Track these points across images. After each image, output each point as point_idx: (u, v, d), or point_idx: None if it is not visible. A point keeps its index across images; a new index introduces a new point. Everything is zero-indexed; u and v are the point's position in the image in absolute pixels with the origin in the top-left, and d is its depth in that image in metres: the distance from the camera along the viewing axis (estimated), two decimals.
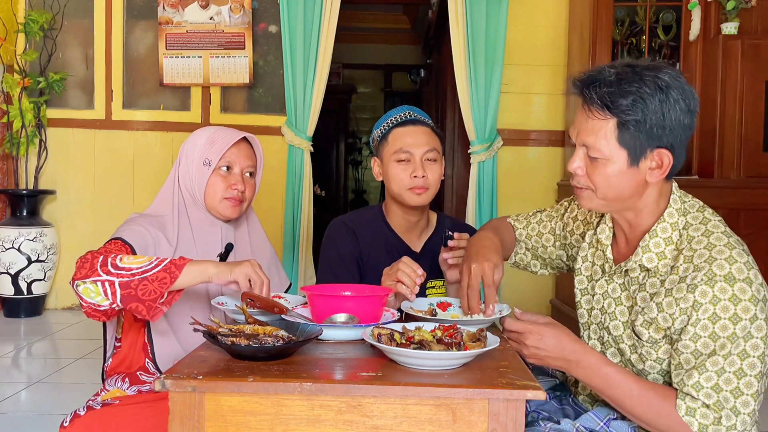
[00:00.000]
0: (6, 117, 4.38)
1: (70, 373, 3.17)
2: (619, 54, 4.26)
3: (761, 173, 3.82)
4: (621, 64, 1.33)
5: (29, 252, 4.22)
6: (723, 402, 1.25)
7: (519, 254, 1.75)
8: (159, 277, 1.45)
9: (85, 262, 1.48)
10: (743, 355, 1.25)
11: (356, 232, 1.93)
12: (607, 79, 1.30)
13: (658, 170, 1.33)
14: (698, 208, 1.40)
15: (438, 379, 1.14)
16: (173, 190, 1.77)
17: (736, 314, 1.25)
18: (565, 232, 1.67)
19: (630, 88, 1.28)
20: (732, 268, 1.27)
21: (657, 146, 1.31)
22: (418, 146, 1.87)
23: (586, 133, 1.34)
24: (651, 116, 1.28)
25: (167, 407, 1.13)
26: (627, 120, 1.29)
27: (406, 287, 1.60)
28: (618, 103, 1.29)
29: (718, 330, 1.25)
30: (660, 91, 1.28)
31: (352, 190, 9.30)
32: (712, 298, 1.26)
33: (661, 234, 1.37)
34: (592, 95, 1.32)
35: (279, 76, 4.57)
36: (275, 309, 1.45)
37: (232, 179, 1.74)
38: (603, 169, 1.33)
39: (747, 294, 1.25)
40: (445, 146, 5.40)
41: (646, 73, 1.30)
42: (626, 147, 1.31)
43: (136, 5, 4.60)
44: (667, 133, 1.30)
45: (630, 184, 1.34)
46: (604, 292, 1.48)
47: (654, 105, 1.28)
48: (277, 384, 1.11)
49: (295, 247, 4.45)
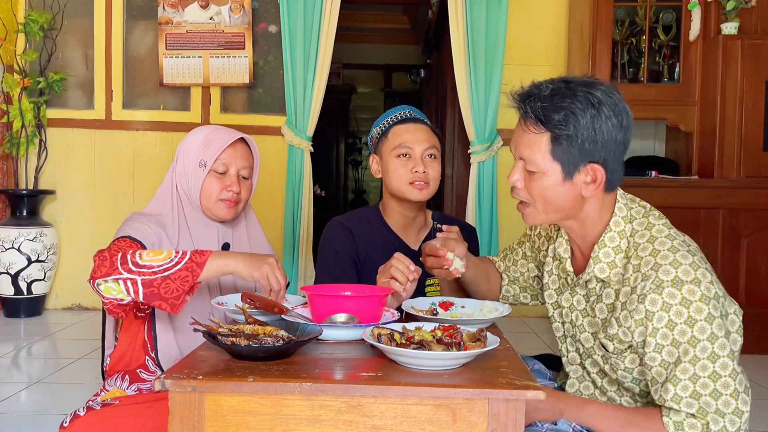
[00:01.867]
0: (6, 117, 4.38)
1: (69, 373, 3.17)
2: (619, 54, 4.26)
3: (761, 173, 3.82)
4: (558, 80, 1.36)
5: (29, 252, 4.22)
6: (705, 407, 1.24)
7: (504, 287, 1.77)
8: (181, 276, 1.46)
9: (104, 260, 1.48)
10: (713, 357, 1.25)
11: (353, 232, 1.93)
12: (542, 94, 1.33)
13: (593, 184, 1.35)
14: (644, 214, 1.40)
15: (438, 379, 1.14)
16: (170, 189, 1.77)
17: (690, 317, 1.25)
18: (534, 251, 1.69)
19: (563, 103, 1.31)
20: (678, 272, 1.27)
21: (590, 161, 1.33)
22: (419, 142, 1.88)
23: (523, 146, 1.37)
24: (583, 131, 1.31)
25: (167, 407, 1.13)
26: (560, 134, 1.31)
27: (400, 284, 1.60)
28: (551, 118, 1.31)
29: (678, 336, 1.25)
30: (592, 107, 1.31)
31: (352, 190, 9.30)
32: (663, 304, 1.26)
33: (609, 243, 1.38)
34: (527, 109, 1.35)
35: (279, 76, 4.57)
36: (275, 309, 1.45)
37: (228, 181, 1.73)
38: (539, 182, 1.36)
39: (696, 295, 1.25)
40: (444, 147, 5.40)
41: (579, 89, 1.32)
42: (559, 161, 1.33)
43: (136, 5, 4.60)
44: (599, 148, 1.32)
45: (566, 197, 1.36)
46: (570, 305, 1.50)
47: (586, 120, 1.30)
48: (277, 384, 1.11)
49: (295, 247, 4.45)
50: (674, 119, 4.11)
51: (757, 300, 3.80)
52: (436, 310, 1.61)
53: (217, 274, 1.50)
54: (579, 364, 1.51)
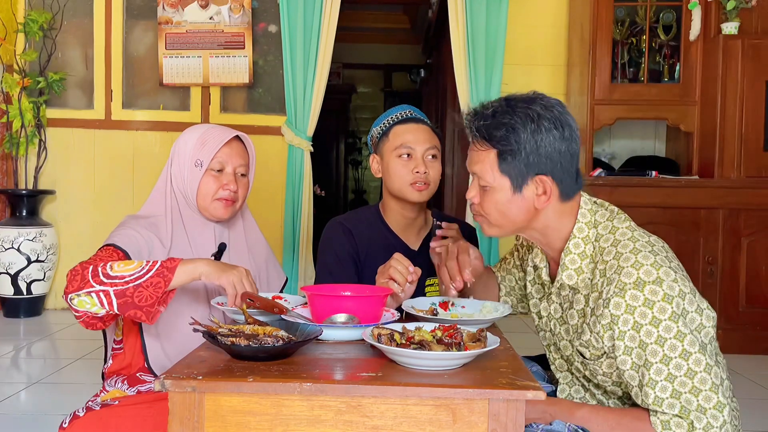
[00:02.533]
0: (6, 117, 4.38)
1: (69, 374, 3.16)
2: (619, 54, 4.26)
3: (761, 173, 3.82)
4: (500, 99, 1.42)
5: (29, 252, 4.22)
6: (687, 406, 1.25)
7: (503, 297, 1.79)
8: (153, 282, 1.45)
9: (76, 275, 1.47)
10: (685, 354, 1.25)
11: (353, 232, 1.93)
12: (485, 113, 1.40)
13: (544, 196, 1.39)
14: (608, 217, 1.42)
15: (438, 380, 1.14)
16: (165, 190, 1.75)
17: (654, 317, 1.25)
18: (521, 260, 1.71)
19: (503, 119, 1.37)
20: (639, 273, 1.28)
21: (536, 173, 1.37)
22: (420, 143, 1.88)
23: (473, 162, 1.43)
24: (525, 145, 1.36)
25: (167, 408, 1.13)
26: (504, 150, 1.37)
27: (398, 285, 1.60)
28: (494, 135, 1.38)
29: (644, 337, 1.26)
30: (531, 121, 1.36)
31: (352, 190, 9.30)
32: (627, 307, 1.27)
33: (574, 250, 1.41)
34: (473, 128, 1.42)
35: (279, 76, 4.57)
36: (275, 309, 1.45)
37: (224, 179, 1.72)
38: (492, 197, 1.41)
39: (658, 294, 1.26)
40: (444, 147, 5.40)
41: (519, 105, 1.38)
42: (507, 175, 1.38)
43: (135, 5, 4.60)
44: (543, 160, 1.36)
45: (519, 210, 1.40)
46: (549, 314, 1.52)
47: (526, 135, 1.35)
48: (276, 384, 1.11)
49: (295, 247, 4.45)
50: (674, 119, 4.11)
51: (757, 300, 3.80)
52: (436, 310, 1.61)
53: (187, 279, 1.49)
54: (567, 370, 1.53)
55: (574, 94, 4.42)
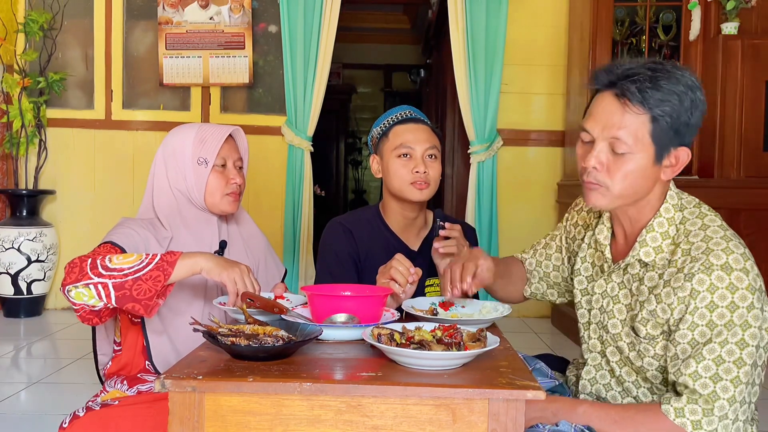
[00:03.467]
0: (6, 117, 4.38)
1: (69, 373, 3.17)
2: (619, 54, 4.26)
3: (761, 173, 3.82)
4: (649, 61, 1.34)
5: (29, 252, 4.22)
6: (720, 393, 1.25)
7: (534, 284, 1.74)
8: (153, 276, 1.44)
9: (74, 267, 1.47)
10: (742, 344, 1.25)
11: (353, 233, 1.93)
12: (645, 74, 1.31)
13: (672, 168, 1.36)
14: (695, 204, 1.42)
15: (438, 379, 1.14)
16: (161, 193, 1.74)
17: (733, 302, 1.26)
18: (569, 241, 1.68)
19: (668, 85, 1.30)
20: (729, 258, 1.28)
21: (679, 144, 1.34)
22: (420, 142, 1.88)
23: (617, 126, 1.32)
24: (683, 115, 1.31)
25: (167, 408, 1.13)
26: (660, 116, 1.30)
27: (399, 285, 1.60)
28: (655, 99, 1.30)
29: (716, 318, 1.26)
30: (691, 90, 1.31)
31: (352, 190, 9.30)
32: (710, 286, 1.27)
33: (657, 228, 1.39)
34: (630, 88, 1.30)
35: (279, 76, 4.57)
36: (275, 309, 1.45)
37: (230, 174, 1.75)
38: (626, 165, 1.33)
39: (744, 282, 1.26)
40: (444, 147, 5.40)
41: (676, 72, 1.32)
42: (656, 143, 1.32)
43: (135, 5, 4.60)
44: (690, 131, 1.33)
45: (647, 181, 1.36)
46: (603, 291, 1.49)
47: (687, 103, 1.31)
48: (277, 384, 1.11)
49: (295, 247, 4.45)
50: None
51: None
52: (436, 310, 1.61)
53: (188, 273, 1.49)
54: (599, 351, 1.51)
55: (574, 94, 4.42)
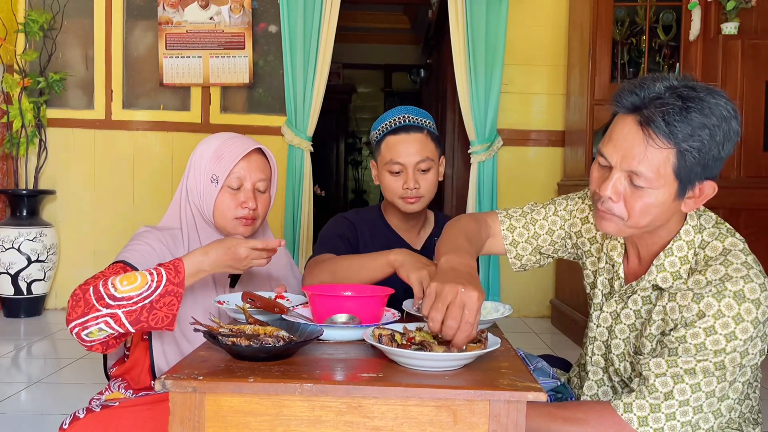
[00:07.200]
0: (6, 117, 4.38)
1: (70, 373, 3.16)
2: (619, 54, 4.26)
3: (761, 173, 3.82)
4: (681, 84, 1.20)
5: (29, 252, 4.22)
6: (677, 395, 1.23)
7: (525, 256, 1.60)
8: (167, 302, 1.41)
9: (78, 300, 1.39)
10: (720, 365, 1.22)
11: (356, 227, 1.94)
12: (674, 104, 1.16)
13: (695, 200, 1.25)
14: (713, 224, 1.33)
15: (439, 381, 1.14)
16: (181, 203, 1.67)
17: (733, 333, 1.21)
18: (570, 231, 1.57)
19: (699, 117, 1.16)
20: (745, 287, 1.21)
21: (706, 177, 1.22)
22: (410, 156, 1.85)
23: (638, 160, 1.19)
24: (713, 149, 1.18)
25: (167, 409, 1.13)
26: (689, 150, 1.17)
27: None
28: (685, 134, 1.16)
29: (709, 344, 1.21)
30: (725, 121, 1.18)
31: (352, 190, 9.31)
32: (716, 312, 1.21)
33: (677, 252, 1.31)
34: (655, 118, 1.17)
35: (279, 76, 4.57)
36: (276, 309, 1.45)
37: (243, 196, 1.61)
38: (645, 198, 1.22)
39: (751, 315, 1.20)
40: (444, 147, 5.40)
41: (710, 99, 1.18)
42: (679, 179, 1.20)
43: (136, 5, 4.60)
44: (719, 164, 1.21)
45: (666, 213, 1.26)
46: (612, 310, 1.45)
47: (719, 137, 1.18)
48: (277, 385, 1.11)
49: (295, 247, 4.45)
50: None
51: None
52: None
53: (195, 280, 1.47)
54: (602, 368, 1.49)
55: (574, 94, 4.42)
